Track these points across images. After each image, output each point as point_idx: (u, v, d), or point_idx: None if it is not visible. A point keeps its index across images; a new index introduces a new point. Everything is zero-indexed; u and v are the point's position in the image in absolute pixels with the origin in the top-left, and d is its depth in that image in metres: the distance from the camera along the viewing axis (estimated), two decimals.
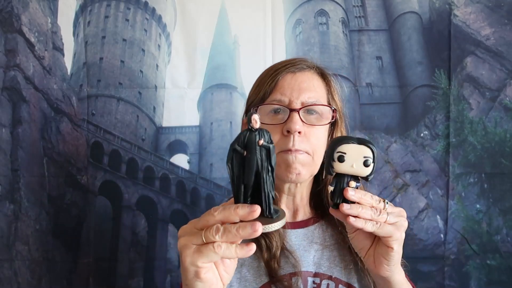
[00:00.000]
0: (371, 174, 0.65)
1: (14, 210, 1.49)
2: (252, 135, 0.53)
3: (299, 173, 0.85)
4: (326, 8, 1.58)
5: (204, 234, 0.55)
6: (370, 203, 0.66)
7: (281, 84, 0.88)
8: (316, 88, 0.89)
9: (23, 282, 1.49)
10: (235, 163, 0.54)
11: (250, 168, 0.53)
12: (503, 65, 1.54)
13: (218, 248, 0.54)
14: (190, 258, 0.56)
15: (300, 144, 0.83)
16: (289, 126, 0.83)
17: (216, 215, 0.55)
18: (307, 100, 0.86)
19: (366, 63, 1.57)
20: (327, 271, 0.87)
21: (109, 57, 1.55)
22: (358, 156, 0.64)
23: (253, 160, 0.52)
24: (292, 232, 0.91)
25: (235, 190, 0.55)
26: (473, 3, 1.55)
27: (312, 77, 0.91)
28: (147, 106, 1.56)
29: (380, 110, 1.56)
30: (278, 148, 0.85)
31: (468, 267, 1.53)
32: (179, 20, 1.57)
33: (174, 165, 1.57)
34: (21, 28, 1.50)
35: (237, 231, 0.53)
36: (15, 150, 1.49)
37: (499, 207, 1.53)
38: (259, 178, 0.54)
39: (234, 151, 0.54)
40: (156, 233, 1.54)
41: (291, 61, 0.92)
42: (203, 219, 0.57)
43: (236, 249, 0.55)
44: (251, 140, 0.52)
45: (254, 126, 0.52)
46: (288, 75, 0.89)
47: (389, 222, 0.68)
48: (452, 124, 1.54)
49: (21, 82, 1.50)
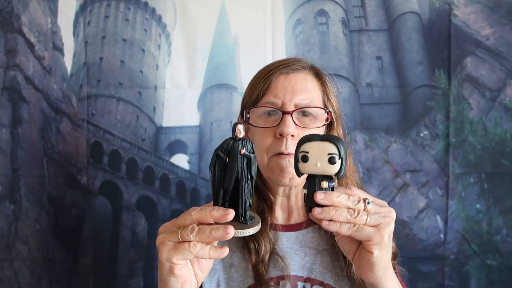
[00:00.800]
0: (339, 171, 0.60)
1: (14, 210, 1.49)
2: (235, 144, 0.56)
3: (292, 177, 0.83)
4: (326, 8, 1.58)
5: (180, 233, 0.59)
6: (345, 205, 0.61)
7: (274, 86, 0.86)
8: (310, 90, 0.87)
9: (23, 282, 1.49)
10: (217, 168, 0.57)
11: (230, 174, 0.56)
12: (503, 65, 1.54)
13: (193, 247, 0.58)
14: (166, 254, 0.61)
15: (293, 147, 0.80)
16: (281, 129, 0.81)
17: (193, 215, 0.59)
18: (300, 102, 0.84)
19: (366, 63, 1.57)
20: (319, 277, 0.86)
21: (109, 57, 1.55)
22: (322, 154, 0.59)
23: (234, 167, 0.55)
24: (284, 235, 0.90)
25: (214, 193, 0.58)
26: (473, 3, 1.55)
27: (306, 78, 0.88)
28: (147, 106, 1.56)
29: (380, 110, 1.56)
30: (272, 152, 0.83)
31: (468, 267, 1.53)
32: (179, 20, 1.57)
33: (174, 165, 1.57)
34: (21, 28, 1.50)
35: (210, 232, 0.57)
36: (15, 150, 1.49)
37: (499, 207, 1.53)
38: (238, 184, 0.57)
39: (217, 157, 0.57)
40: (156, 233, 1.53)
41: (284, 62, 0.89)
42: (181, 218, 0.61)
43: (210, 250, 0.58)
44: (233, 148, 0.56)
45: (238, 135, 0.56)
46: (281, 76, 0.87)
47: (370, 224, 0.62)
48: (452, 124, 1.54)
49: (21, 82, 1.50)
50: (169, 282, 0.64)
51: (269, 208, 0.90)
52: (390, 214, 0.65)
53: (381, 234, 0.63)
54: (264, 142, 0.84)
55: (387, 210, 0.65)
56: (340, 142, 0.59)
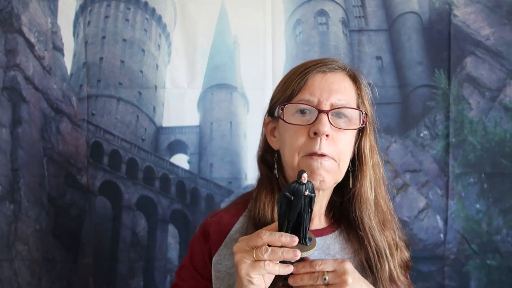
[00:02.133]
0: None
1: (14, 210, 1.49)
2: (300, 187, 0.69)
3: (323, 180, 0.81)
4: (326, 8, 1.58)
5: (255, 253, 0.69)
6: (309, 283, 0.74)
7: (310, 84, 0.83)
8: (346, 91, 0.85)
9: (23, 282, 1.49)
10: (283, 204, 0.70)
11: (295, 210, 0.69)
12: (503, 65, 1.54)
13: (267, 266, 0.69)
14: (245, 271, 0.70)
15: (326, 148, 0.79)
16: (317, 128, 0.79)
17: (264, 238, 0.69)
18: (337, 102, 0.82)
19: (366, 63, 1.57)
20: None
21: (109, 57, 1.55)
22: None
23: (298, 205, 0.69)
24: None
25: (280, 222, 0.71)
26: (473, 3, 1.55)
27: (343, 78, 0.86)
28: (147, 106, 1.56)
29: (380, 110, 1.55)
30: (303, 151, 0.81)
31: (468, 267, 1.53)
32: (179, 20, 1.57)
33: (174, 165, 1.57)
34: (21, 28, 1.50)
35: (282, 254, 0.68)
36: (15, 150, 1.49)
37: (499, 207, 1.53)
38: (300, 216, 0.70)
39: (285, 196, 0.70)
40: (156, 233, 1.54)
41: (322, 61, 0.87)
42: (253, 239, 0.71)
43: (279, 268, 0.70)
44: (298, 191, 0.69)
45: (303, 181, 0.69)
46: (318, 74, 0.84)
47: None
48: (452, 124, 1.54)
49: (21, 82, 1.50)
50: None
51: None
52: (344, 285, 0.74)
53: None
54: (296, 141, 0.81)
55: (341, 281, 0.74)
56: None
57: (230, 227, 0.89)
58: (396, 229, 0.93)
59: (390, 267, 0.85)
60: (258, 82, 1.56)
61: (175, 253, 1.54)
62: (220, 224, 0.89)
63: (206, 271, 0.87)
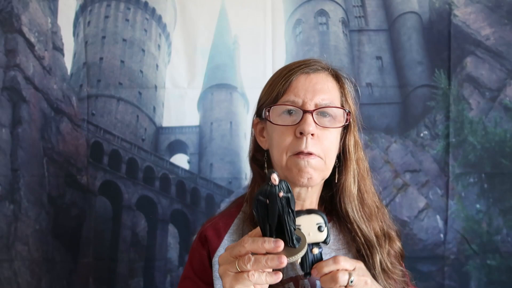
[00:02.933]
0: (327, 237, 0.71)
1: (14, 210, 1.49)
2: (273, 189, 0.63)
3: (310, 177, 0.84)
4: (326, 8, 1.58)
5: (238, 263, 0.65)
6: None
7: (294, 85, 0.86)
8: (330, 90, 0.88)
9: (23, 282, 1.49)
10: (260, 209, 0.65)
11: (273, 214, 0.64)
12: (503, 65, 1.54)
13: (251, 277, 0.64)
14: (229, 284, 0.66)
15: (312, 146, 0.82)
16: (302, 128, 0.82)
17: (247, 247, 0.65)
18: (320, 102, 0.85)
19: (366, 63, 1.57)
20: None
21: (109, 57, 1.55)
22: (311, 225, 0.70)
23: (275, 208, 0.63)
24: None
25: (262, 227, 0.66)
26: (473, 3, 1.55)
27: (326, 78, 0.89)
28: (147, 106, 1.56)
29: (380, 110, 1.56)
30: (291, 151, 0.84)
31: (468, 267, 1.53)
32: (179, 20, 1.57)
33: (174, 165, 1.57)
34: (21, 28, 1.50)
35: (266, 262, 0.63)
36: (15, 150, 1.49)
37: (499, 207, 1.53)
38: (281, 219, 0.65)
39: (258, 201, 0.65)
40: (156, 233, 1.54)
41: (305, 62, 0.90)
42: (236, 248, 0.66)
43: (266, 277, 0.65)
44: (272, 193, 0.63)
45: (274, 183, 0.63)
46: (302, 76, 0.87)
47: None
48: (452, 124, 1.54)
49: (21, 82, 1.50)
50: None
51: None
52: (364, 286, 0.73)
53: None
54: (283, 141, 0.85)
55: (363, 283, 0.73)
56: (323, 214, 0.71)
57: (227, 229, 0.91)
58: (385, 220, 0.96)
59: (380, 258, 0.88)
60: (258, 82, 1.55)
61: (175, 253, 1.54)
62: (216, 228, 0.92)
63: (207, 275, 0.89)
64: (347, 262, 0.72)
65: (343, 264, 0.71)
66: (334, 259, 0.71)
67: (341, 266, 0.71)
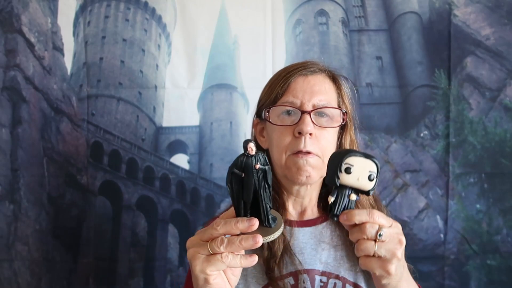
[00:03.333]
0: (372, 189, 0.65)
1: (14, 210, 1.48)
2: (249, 160, 0.59)
3: (309, 176, 0.86)
4: (326, 8, 1.58)
5: (210, 246, 0.62)
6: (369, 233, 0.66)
7: (293, 87, 0.89)
8: (327, 91, 0.91)
9: (23, 282, 1.48)
10: (234, 183, 0.60)
11: (248, 188, 0.60)
12: (503, 65, 1.54)
13: (225, 258, 0.61)
14: (200, 267, 0.63)
15: (311, 145, 0.85)
16: (300, 127, 0.85)
17: (219, 229, 0.62)
18: (318, 102, 0.88)
19: (366, 63, 1.57)
20: (334, 270, 0.88)
21: (109, 57, 1.55)
22: (364, 170, 0.65)
23: (251, 181, 0.59)
24: (300, 230, 0.93)
25: (235, 205, 0.62)
26: (473, 3, 1.55)
27: (323, 80, 0.92)
28: (147, 106, 1.56)
29: (380, 110, 1.56)
30: (290, 150, 0.86)
31: (468, 267, 1.53)
32: (179, 20, 1.57)
33: (174, 165, 1.57)
34: (21, 28, 1.50)
35: (240, 242, 0.60)
36: (15, 150, 1.49)
37: (499, 207, 1.53)
38: (257, 195, 0.61)
39: (233, 174, 0.60)
40: (156, 233, 1.54)
41: (304, 64, 0.93)
42: (207, 232, 0.63)
43: (241, 259, 0.62)
44: (248, 165, 0.59)
45: (250, 153, 0.59)
46: (300, 77, 0.90)
47: (378, 254, 0.66)
48: (452, 124, 1.54)
49: (21, 82, 1.49)
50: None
51: (283, 205, 0.94)
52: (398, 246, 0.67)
53: (386, 268, 0.66)
54: (282, 140, 0.87)
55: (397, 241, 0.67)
56: (379, 163, 0.65)
57: None
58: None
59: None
60: (258, 82, 1.55)
61: (175, 253, 1.54)
62: None
63: None
64: (382, 218, 0.67)
65: (378, 218, 0.66)
66: (370, 211, 0.66)
67: (375, 220, 0.66)
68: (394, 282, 0.68)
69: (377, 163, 0.65)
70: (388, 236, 0.66)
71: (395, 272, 0.67)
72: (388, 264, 0.66)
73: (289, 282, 0.86)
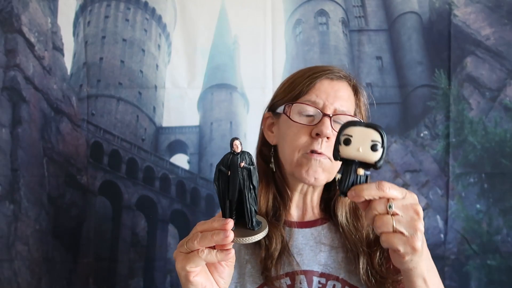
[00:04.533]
0: (380, 160, 0.59)
1: (14, 210, 1.48)
2: (235, 158, 0.60)
3: (317, 178, 0.87)
4: (326, 8, 1.58)
5: (186, 243, 0.65)
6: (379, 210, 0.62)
7: (318, 87, 0.90)
8: (348, 99, 0.92)
9: (23, 282, 1.48)
10: (221, 181, 0.61)
11: (233, 186, 0.60)
12: (503, 65, 1.54)
13: (201, 253, 0.63)
14: (180, 264, 0.66)
15: (325, 148, 0.86)
16: (320, 129, 0.85)
17: (198, 228, 0.65)
18: (339, 107, 0.89)
19: (366, 63, 1.57)
20: (334, 272, 0.89)
21: (109, 57, 1.55)
22: (365, 140, 0.59)
23: (236, 179, 0.60)
24: (300, 231, 0.93)
25: (222, 205, 0.63)
26: (473, 3, 1.55)
27: (347, 88, 0.93)
28: (147, 106, 1.56)
29: (380, 110, 1.55)
30: (304, 149, 0.87)
31: (468, 267, 1.53)
32: (179, 20, 1.57)
33: (174, 165, 1.57)
34: (21, 28, 1.50)
35: (212, 236, 0.62)
36: (15, 150, 1.49)
37: (499, 207, 1.53)
38: (242, 195, 0.61)
39: (220, 171, 0.61)
40: (156, 233, 1.54)
41: (331, 68, 0.94)
42: (191, 233, 0.66)
43: (217, 254, 0.64)
44: (233, 162, 0.60)
45: (236, 150, 0.59)
46: (326, 80, 0.91)
47: (397, 230, 0.61)
48: (452, 124, 1.54)
49: (21, 82, 1.49)
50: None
51: (285, 204, 0.94)
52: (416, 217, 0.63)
53: (412, 244, 0.61)
54: (298, 139, 0.88)
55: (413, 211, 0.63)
56: (384, 132, 0.60)
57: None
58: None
59: (368, 262, 0.88)
60: (258, 82, 1.56)
61: None
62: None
63: None
64: (394, 189, 0.62)
65: (389, 191, 0.61)
66: (379, 184, 0.62)
67: (386, 192, 0.61)
68: (417, 258, 0.64)
69: (381, 131, 0.59)
70: (401, 208, 0.62)
71: (420, 247, 0.62)
72: (413, 240, 0.61)
73: (285, 282, 0.86)
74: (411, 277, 0.69)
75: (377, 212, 0.62)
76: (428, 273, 0.70)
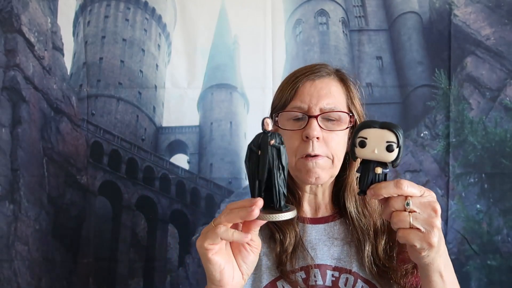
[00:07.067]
0: (396, 159, 0.62)
1: (14, 210, 1.48)
2: (265, 137, 0.61)
3: (318, 177, 0.88)
4: (326, 8, 1.58)
5: (214, 220, 0.65)
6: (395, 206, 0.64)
7: (300, 92, 0.91)
8: (334, 94, 0.92)
9: (22, 282, 1.48)
10: (251, 161, 0.62)
11: (263, 165, 0.61)
12: (503, 65, 1.54)
13: (218, 229, 0.64)
14: (199, 242, 0.66)
15: (319, 149, 0.87)
16: (307, 132, 0.87)
17: (229, 206, 0.66)
18: (325, 106, 0.89)
19: (366, 63, 1.57)
20: (346, 266, 0.90)
21: (109, 57, 1.55)
22: (380, 141, 0.61)
23: (265, 158, 0.60)
24: (313, 227, 0.95)
25: (251, 185, 0.63)
26: (473, 3, 1.55)
27: (331, 83, 0.94)
28: (147, 106, 1.56)
29: (380, 110, 1.55)
30: (299, 154, 0.89)
31: (468, 267, 1.52)
32: (179, 20, 1.57)
33: (174, 165, 1.57)
34: (21, 28, 1.50)
35: (238, 212, 0.62)
36: (15, 150, 1.49)
37: (499, 207, 1.53)
38: (271, 175, 0.61)
39: (250, 151, 0.62)
40: (156, 233, 1.54)
41: (311, 68, 0.95)
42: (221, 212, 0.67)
43: (234, 233, 0.64)
44: (264, 141, 0.61)
45: (267, 128, 0.61)
46: (307, 82, 0.92)
47: (414, 226, 0.62)
48: (452, 124, 1.54)
49: (21, 82, 1.49)
50: (208, 270, 0.69)
51: (297, 202, 0.97)
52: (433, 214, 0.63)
53: (428, 240, 0.63)
54: (292, 144, 0.90)
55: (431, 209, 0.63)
56: (400, 131, 0.61)
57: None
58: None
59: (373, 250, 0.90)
60: (258, 82, 1.56)
61: (175, 253, 1.54)
62: None
63: None
64: (412, 187, 0.63)
65: (407, 189, 0.63)
66: (397, 182, 0.63)
67: (404, 190, 0.63)
68: (433, 254, 0.66)
69: (396, 131, 0.60)
70: (419, 205, 0.63)
71: (437, 244, 0.63)
72: (430, 236, 0.63)
73: (300, 276, 0.88)
74: (428, 271, 0.70)
75: (395, 209, 0.63)
76: (445, 269, 0.71)
